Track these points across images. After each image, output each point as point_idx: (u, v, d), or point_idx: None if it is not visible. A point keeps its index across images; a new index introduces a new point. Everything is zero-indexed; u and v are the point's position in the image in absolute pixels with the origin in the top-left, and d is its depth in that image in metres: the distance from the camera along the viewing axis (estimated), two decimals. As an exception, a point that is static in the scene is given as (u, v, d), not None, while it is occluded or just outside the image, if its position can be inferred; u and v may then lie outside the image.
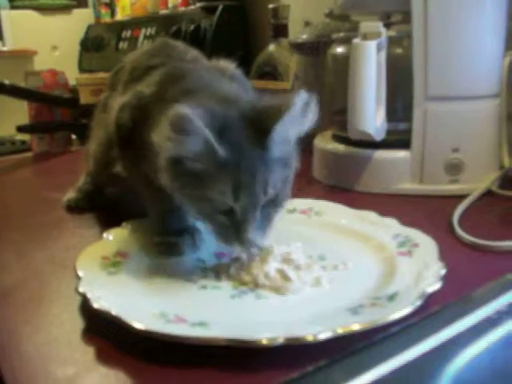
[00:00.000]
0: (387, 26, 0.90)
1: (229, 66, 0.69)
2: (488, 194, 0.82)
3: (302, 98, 0.53)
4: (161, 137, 0.51)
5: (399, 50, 0.87)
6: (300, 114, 0.53)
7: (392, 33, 0.85)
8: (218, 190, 0.52)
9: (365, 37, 0.81)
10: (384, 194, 0.85)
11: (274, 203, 0.56)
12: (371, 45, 0.79)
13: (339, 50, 0.92)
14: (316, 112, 0.55)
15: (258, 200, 0.53)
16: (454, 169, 0.83)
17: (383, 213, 0.70)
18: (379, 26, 0.82)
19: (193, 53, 0.72)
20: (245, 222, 0.53)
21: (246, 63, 1.54)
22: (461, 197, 0.80)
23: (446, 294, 0.50)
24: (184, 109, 0.50)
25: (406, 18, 0.85)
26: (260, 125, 0.53)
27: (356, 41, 0.80)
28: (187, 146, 0.51)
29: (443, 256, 0.56)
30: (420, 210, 0.79)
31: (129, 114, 0.63)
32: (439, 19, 0.80)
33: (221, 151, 0.51)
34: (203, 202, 0.54)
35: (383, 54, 0.82)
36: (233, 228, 0.54)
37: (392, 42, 0.84)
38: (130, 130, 0.62)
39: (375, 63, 0.79)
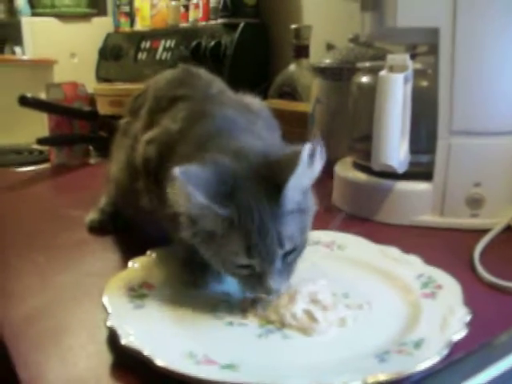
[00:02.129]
0: (412, 56, 0.90)
1: (254, 101, 0.70)
2: (508, 229, 0.82)
3: (307, 150, 0.53)
4: (172, 192, 0.52)
5: (424, 83, 0.87)
6: (309, 164, 0.53)
7: (418, 65, 0.86)
8: (230, 249, 0.53)
9: (391, 69, 0.81)
10: (404, 226, 0.85)
11: (294, 252, 0.56)
12: (398, 78, 0.79)
13: (364, 79, 0.93)
14: (324, 157, 0.55)
15: (275, 255, 0.53)
16: (475, 203, 0.83)
17: (404, 246, 0.70)
18: (406, 58, 0.82)
19: (218, 84, 0.72)
20: (264, 275, 0.54)
21: (265, 81, 1.56)
22: (481, 231, 0.80)
23: (467, 337, 0.50)
24: (178, 172, 0.50)
25: (432, 48, 0.85)
26: (271, 180, 0.54)
27: (383, 73, 0.80)
28: (190, 207, 0.52)
29: (465, 297, 0.56)
30: (441, 244, 0.79)
31: (156, 149, 0.64)
32: (466, 54, 0.80)
33: (222, 212, 0.52)
34: (221, 257, 0.54)
35: (409, 87, 0.82)
36: (254, 279, 0.54)
37: (417, 74, 0.84)
38: (157, 165, 0.63)
39: (401, 96, 0.79)
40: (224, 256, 0.54)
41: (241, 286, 0.57)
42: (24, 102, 1.20)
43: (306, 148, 0.53)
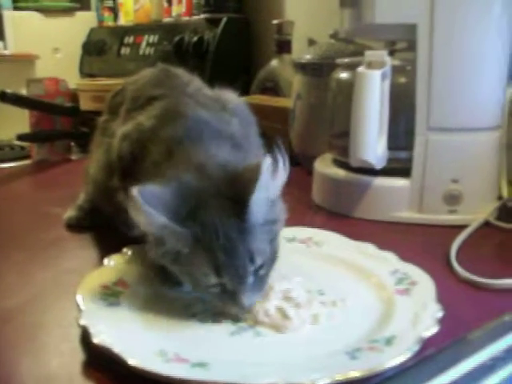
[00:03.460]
0: (391, 52, 0.91)
1: (231, 97, 0.70)
2: (486, 225, 0.83)
3: (267, 163, 0.52)
4: (133, 212, 0.51)
5: (402, 79, 0.87)
6: (272, 176, 0.53)
7: (396, 62, 0.86)
8: (199, 270, 0.52)
9: (369, 65, 0.82)
10: (383, 222, 0.85)
11: (265, 264, 0.54)
12: (376, 74, 0.79)
13: (343, 75, 0.93)
14: (287, 166, 0.55)
15: (245, 271, 0.52)
16: (453, 199, 0.84)
17: (382, 242, 0.70)
18: (384, 55, 0.82)
19: (195, 83, 0.72)
20: (236, 293, 0.53)
21: (247, 76, 1.56)
22: (459, 227, 0.80)
23: (441, 333, 0.50)
24: (135, 192, 0.50)
25: (411, 45, 0.86)
26: (235, 196, 0.53)
27: (361, 69, 0.81)
28: (152, 227, 0.51)
29: (440, 293, 0.57)
30: (418, 240, 0.80)
31: (129, 146, 0.64)
32: (444, 51, 0.81)
33: (183, 232, 0.51)
34: (191, 277, 0.54)
35: (387, 83, 0.82)
36: (227, 296, 0.53)
37: (396, 70, 0.85)
38: (130, 162, 0.63)
39: (379, 93, 0.80)
40: (194, 276, 0.53)
41: (213, 302, 0.55)
42: (4, 97, 1.19)
43: (266, 161, 0.52)
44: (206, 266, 0.52)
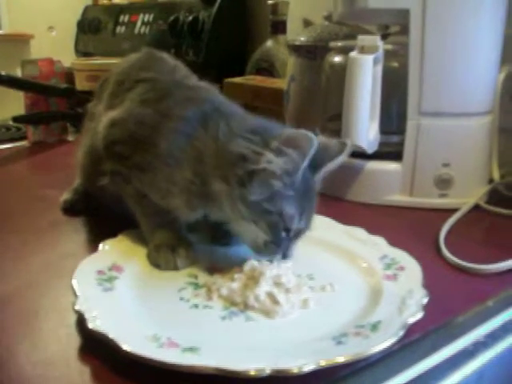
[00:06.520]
0: (385, 36, 0.91)
1: (206, 86, 0.71)
2: (476, 208, 0.84)
3: (349, 149, 0.65)
4: (255, 149, 0.57)
5: (395, 63, 0.88)
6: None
7: (389, 46, 0.86)
8: (288, 211, 0.59)
9: (362, 49, 0.82)
10: (374, 205, 0.87)
11: None
12: (368, 59, 0.80)
13: (336, 58, 0.93)
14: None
15: (311, 224, 0.63)
16: (444, 183, 0.85)
17: (372, 225, 0.72)
18: (377, 39, 0.82)
19: (181, 69, 0.72)
20: (296, 241, 0.62)
21: (242, 57, 1.56)
22: (450, 210, 0.82)
23: (427, 318, 0.52)
24: (307, 131, 0.56)
25: (404, 29, 0.86)
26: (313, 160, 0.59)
27: (353, 54, 0.81)
28: (286, 165, 0.56)
29: (428, 277, 0.58)
30: (408, 223, 0.81)
31: (125, 130, 0.64)
32: (436, 35, 0.81)
33: (299, 177, 0.58)
34: (269, 217, 0.58)
35: (379, 68, 0.83)
36: (283, 244, 0.60)
37: (388, 54, 0.85)
38: (125, 146, 0.64)
39: (371, 77, 0.80)
40: (278, 215, 0.58)
41: (259, 250, 0.61)
42: (-1, 80, 1.19)
43: (349, 146, 0.66)
44: (295, 209, 0.59)
